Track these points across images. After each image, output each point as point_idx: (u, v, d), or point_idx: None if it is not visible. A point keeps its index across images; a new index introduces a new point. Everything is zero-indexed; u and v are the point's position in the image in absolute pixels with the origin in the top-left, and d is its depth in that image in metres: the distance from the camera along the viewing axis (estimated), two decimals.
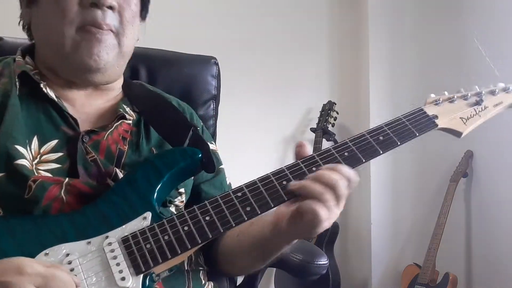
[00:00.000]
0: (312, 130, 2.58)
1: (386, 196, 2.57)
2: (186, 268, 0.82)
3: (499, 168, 2.19)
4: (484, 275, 2.24)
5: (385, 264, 2.54)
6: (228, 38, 2.56)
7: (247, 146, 2.46)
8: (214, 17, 2.59)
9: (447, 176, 2.34)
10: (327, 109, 2.56)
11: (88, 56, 0.80)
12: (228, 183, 1.00)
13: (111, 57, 0.82)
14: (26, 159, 0.75)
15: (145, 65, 1.26)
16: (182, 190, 0.87)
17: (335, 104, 2.58)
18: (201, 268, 0.86)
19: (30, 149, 0.77)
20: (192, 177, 0.91)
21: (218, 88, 1.33)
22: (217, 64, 1.34)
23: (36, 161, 0.76)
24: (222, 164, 1.01)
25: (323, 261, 1.08)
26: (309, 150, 0.76)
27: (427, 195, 2.51)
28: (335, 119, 2.56)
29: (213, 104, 1.32)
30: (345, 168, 0.71)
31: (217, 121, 1.34)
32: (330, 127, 2.53)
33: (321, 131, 2.50)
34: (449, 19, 2.51)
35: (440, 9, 2.56)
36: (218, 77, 1.33)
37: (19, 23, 0.92)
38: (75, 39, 0.80)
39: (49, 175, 0.76)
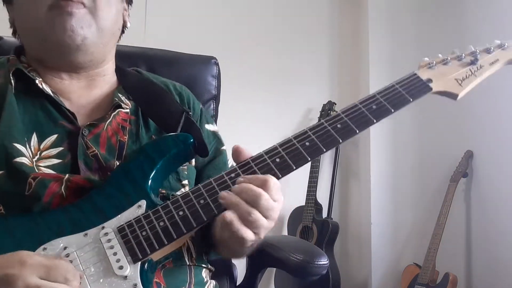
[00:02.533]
0: None
1: (386, 196, 2.57)
2: (187, 263, 0.82)
3: (499, 168, 2.19)
4: (484, 275, 2.24)
5: (385, 264, 2.54)
6: (228, 39, 2.56)
7: (247, 146, 2.45)
8: (214, 17, 2.59)
9: (447, 176, 2.34)
10: (327, 109, 2.56)
11: (63, 33, 0.79)
12: (230, 165, 0.98)
13: (88, 32, 0.81)
14: (25, 156, 0.75)
15: (146, 65, 1.26)
16: (185, 182, 0.87)
17: (335, 104, 2.58)
18: (204, 266, 0.86)
19: (30, 147, 0.77)
20: (194, 166, 0.92)
21: (218, 88, 1.33)
22: (217, 64, 1.34)
23: (36, 158, 0.77)
24: (224, 146, 1.00)
25: (324, 261, 1.08)
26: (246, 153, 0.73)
27: (427, 195, 2.51)
28: None
29: (213, 104, 1.32)
30: (270, 180, 0.68)
31: (217, 121, 1.34)
32: None
33: None
34: (449, 19, 2.51)
35: (440, 9, 2.56)
36: (218, 77, 1.33)
37: (13, 32, 0.93)
38: (48, 19, 0.79)
39: (50, 171, 0.76)
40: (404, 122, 2.55)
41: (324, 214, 2.51)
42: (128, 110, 0.87)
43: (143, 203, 0.71)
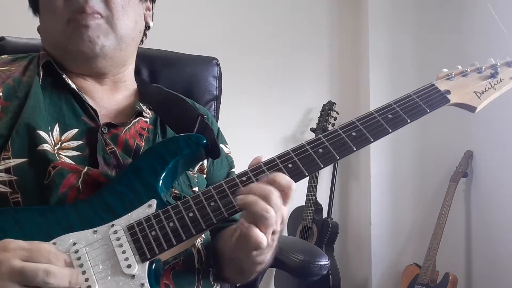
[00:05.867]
0: (312, 130, 2.58)
1: (386, 196, 2.57)
2: (197, 266, 0.82)
3: (499, 168, 2.19)
4: (484, 275, 2.25)
5: (385, 264, 2.54)
6: (229, 39, 2.57)
7: (248, 146, 2.46)
8: (215, 17, 2.59)
9: (447, 176, 2.34)
10: (327, 109, 2.56)
11: (81, 43, 0.82)
12: None
13: (105, 41, 0.83)
14: (48, 143, 0.76)
15: (147, 66, 1.26)
16: (196, 189, 0.87)
17: (335, 104, 2.58)
18: (211, 269, 0.86)
19: (52, 136, 0.78)
20: (205, 176, 0.92)
21: (219, 88, 1.33)
22: (218, 64, 1.34)
23: (57, 147, 0.78)
24: (234, 168, 1.00)
25: (324, 261, 1.08)
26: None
27: (427, 195, 2.52)
28: (335, 119, 2.56)
29: (214, 105, 1.32)
30: (280, 178, 0.68)
31: (219, 121, 1.34)
32: (330, 127, 2.53)
33: (321, 131, 2.51)
34: (449, 18, 2.51)
35: (440, 8, 2.56)
36: (219, 77, 1.33)
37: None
38: (67, 32, 0.82)
39: (70, 161, 0.77)
40: None
41: (324, 214, 2.51)
42: (148, 119, 0.89)
43: (153, 202, 0.71)
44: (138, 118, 0.87)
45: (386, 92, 2.59)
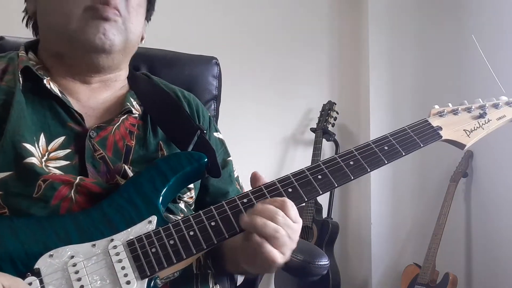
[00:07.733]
0: (312, 130, 2.58)
1: (386, 196, 2.57)
2: (195, 272, 0.82)
3: (499, 168, 2.19)
4: (484, 275, 2.24)
5: (385, 264, 2.54)
6: (229, 39, 2.57)
7: (248, 146, 2.46)
8: (215, 17, 2.59)
9: (447, 176, 2.34)
10: (327, 109, 2.56)
11: (94, 34, 0.79)
12: (236, 175, 0.99)
13: (117, 39, 0.82)
14: (35, 157, 0.74)
15: (146, 65, 1.27)
16: (191, 185, 0.87)
17: (335, 104, 2.58)
18: (209, 271, 0.86)
19: (38, 147, 0.76)
20: None
21: (219, 88, 1.33)
22: (218, 64, 1.34)
23: (44, 158, 0.76)
24: (230, 156, 1.00)
25: (324, 261, 1.08)
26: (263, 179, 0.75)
27: (427, 195, 2.52)
28: (335, 119, 2.56)
29: (214, 104, 1.32)
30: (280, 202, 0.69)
31: (218, 121, 1.34)
32: (330, 127, 2.53)
33: (321, 131, 2.51)
34: (449, 18, 2.51)
35: (440, 8, 2.56)
36: (219, 77, 1.33)
37: (22, 19, 0.92)
38: (82, 19, 0.80)
39: (59, 172, 0.75)
40: (404, 122, 2.55)
41: (324, 214, 2.51)
42: (137, 115, 0.87)
43: (153, 218, 0.71)
44: (126, 115, 0.86)
45: (386, 92, 2.59)
